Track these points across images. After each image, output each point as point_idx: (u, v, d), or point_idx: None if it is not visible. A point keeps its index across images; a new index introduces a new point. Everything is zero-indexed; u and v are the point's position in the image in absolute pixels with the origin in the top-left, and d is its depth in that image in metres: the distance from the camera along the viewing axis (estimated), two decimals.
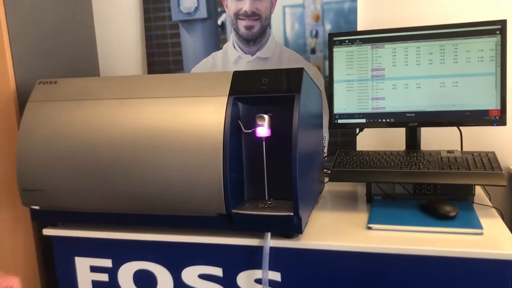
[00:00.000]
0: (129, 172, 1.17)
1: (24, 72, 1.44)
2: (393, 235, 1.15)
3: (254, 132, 1.14)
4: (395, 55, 1.42)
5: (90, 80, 1.29)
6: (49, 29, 1.58)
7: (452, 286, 1.07)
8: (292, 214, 1.09)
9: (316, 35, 1.72)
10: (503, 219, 1.24)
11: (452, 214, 1.20)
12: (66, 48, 1.67)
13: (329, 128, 1.56)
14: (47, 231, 1.33)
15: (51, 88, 1.30)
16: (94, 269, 1.32)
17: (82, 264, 1.32)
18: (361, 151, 1.45)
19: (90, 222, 1.28)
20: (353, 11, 1.67)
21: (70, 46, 1.70)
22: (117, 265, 1.29)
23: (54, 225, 1.34)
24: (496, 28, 1.34)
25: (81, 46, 1.79)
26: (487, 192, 1.44)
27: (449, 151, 1.39)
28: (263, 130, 1.13)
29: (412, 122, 1.42)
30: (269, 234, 1.14)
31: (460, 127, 1.47)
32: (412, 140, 1.45)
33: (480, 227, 1.14)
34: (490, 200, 1.39)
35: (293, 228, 1.12)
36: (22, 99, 1.42)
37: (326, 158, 1.68)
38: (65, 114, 1.24)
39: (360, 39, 1.45)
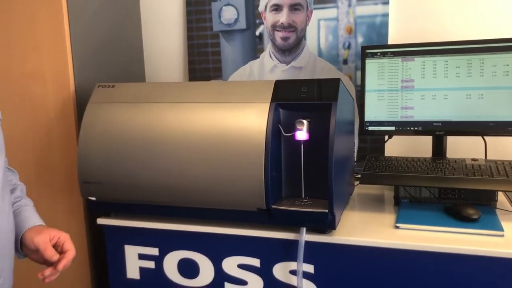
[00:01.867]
0: (179, 169, 1.30)
1: (82, 75, 1.58)
2: (419, 234, 1.24)
3: (293, 135, 1.24)
4: (424, 68, 1.52)
5: (144, 85, 1.43)
6: (105, 37, 1.73)
7: (473, 283, 1.16)
8: (327, 211, 1.20)
9: (349, 47, 1.83)
10: None
11: (475, 217, 1.28)
12: (117, 55, 1.82)
13: (360, 134, 1.66)
14: (100, 221, 1.46)
15: (109, 91, 1.43)
16: (142, 256, 1.44)
17: (131, 252, 1.45)
18: (390, 157, 1.54)
19: (140, 213, 1.41)
20: (385, 24, 1.77)
21: (121, 53, 1.85)
22: (163, 253, 1.42)
23: (107, 215, 1.47)
24: None
25: (130, 53, 1.94)
26: (510, 199, 1.51)
27: (473, 159, 1.47)
28: (302, 134, 1.24)
29: (439, 131, 1.51)
30: (304, 229, 1.24)
31: (485, 137, 1.55)
32: (438, 148, 1.54)
33: (502, 229, 1.22)
34: None
35: (327, 224, 1.22)
36: (79, 100, 1.56)
37: (355, 163, 1.78)
38: (122, 115, 1.37)
39: (392, 52, 1.55)
